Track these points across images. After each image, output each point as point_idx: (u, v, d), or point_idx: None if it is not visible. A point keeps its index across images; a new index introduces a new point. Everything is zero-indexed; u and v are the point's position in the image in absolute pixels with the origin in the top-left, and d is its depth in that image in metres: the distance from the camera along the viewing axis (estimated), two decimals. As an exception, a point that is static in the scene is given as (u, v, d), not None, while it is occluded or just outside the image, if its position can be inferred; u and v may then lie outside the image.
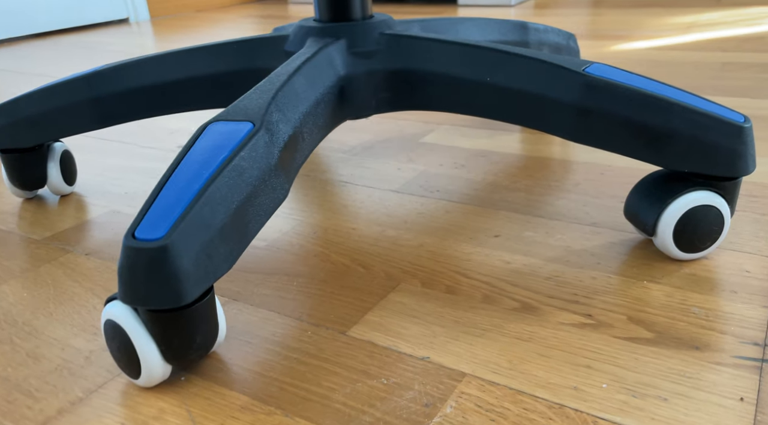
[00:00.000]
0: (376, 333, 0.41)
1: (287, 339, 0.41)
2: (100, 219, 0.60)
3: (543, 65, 0.48)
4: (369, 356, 0.39)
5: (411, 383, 0.36)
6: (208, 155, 0.38)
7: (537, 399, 0.34)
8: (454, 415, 0.34)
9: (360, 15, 0.56)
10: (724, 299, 0.42)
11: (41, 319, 0.45)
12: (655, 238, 0.46)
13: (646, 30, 1.31)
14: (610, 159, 0.66)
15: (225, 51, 0.58)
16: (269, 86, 0.45)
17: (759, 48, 1.09)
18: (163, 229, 0.33)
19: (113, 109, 0.59)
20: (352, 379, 0.37)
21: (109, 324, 0.36)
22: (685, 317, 0.40)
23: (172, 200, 0.35)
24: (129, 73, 0.58)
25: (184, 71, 0.58)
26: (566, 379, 0.36)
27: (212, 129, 0.40)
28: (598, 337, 0.39)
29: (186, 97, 0.59)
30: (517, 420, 0.33)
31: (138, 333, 0.35)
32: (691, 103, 0.44)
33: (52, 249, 0.54)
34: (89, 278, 0.49)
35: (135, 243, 0.33)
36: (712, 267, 0.46)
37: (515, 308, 0.42)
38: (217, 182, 0.36)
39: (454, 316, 0.42)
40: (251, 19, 1.88)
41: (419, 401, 0.35)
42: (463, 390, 0.35)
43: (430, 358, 0.38)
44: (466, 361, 0.38)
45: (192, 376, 0.38)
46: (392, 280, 0.47)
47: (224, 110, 0.43)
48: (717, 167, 0.44)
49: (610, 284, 0.44)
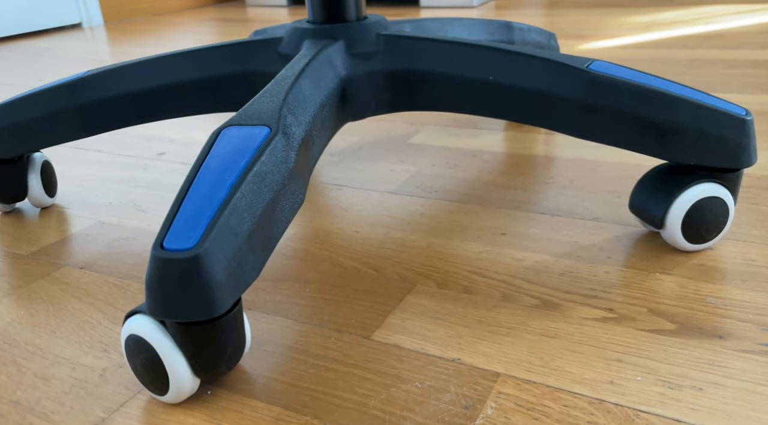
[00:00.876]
0: (400, 336, 0.40)
1: (311, 346, 0.40)
2: (87, 231, 0.57)
3: (547, 63, 0.49)
4: (398, 360, 0.38)
5: (446, 385, 0.36)
6: (228, 161, 0.37)
7: (576, 395, 0.34)
8: (495, 416, 0.33)
9: (355, 16, 0.56)
10: (735, 288, 0.43)
11: (44, 337, 0.42)
12: (663, 230, 0.47)
13: (608, 29, 1.34)
14: (598, 155, 0.67)
15: (216, 55, 0.56)
16: (278, 89, 0.44)
17: (720, 45, 1.13)
18: (193, 238, 0.32)
19: (100, 116, 0.56)
20: (386, 384, 0.36)
21: (133, 340, 0.34)
22: (703, 307, 0.41)
23: (197, 208, 0.34)
24: (116, 78, 0.56)
25: (175, 76, 0.56)
26: (600, 374, 0.36)
27: (227, 134, 0.39)
28: (622, 330, 0.39)
29: (177, 103, 0.57)
30: (559, 417, 0.33)
31: (166, 348, 0.33)
32: (694, 98, 0.45)
33: (42, 264, 0.52)
34: (88, 292, 0.47)
35: (165, 254, 0.31)
36: (718, 257, 0.47)
37: (535, 305, 0.43)
38: (242, 189, 0.35)
39: (477, 316, 0.42)
40: (210, 23, 1.84)
41: (458, 403, 0.34)
42: (501, 390, 0.35)
43: (461, 359, 0.38)
44: (497, 361, 0.37)
45: (218, 389, 0.37)
46: (407, 282, 0.46)
47: (236, 114, 0.41)
48: (722, 159, 0.46)
49: (624, 277, 0.45)
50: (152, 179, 0.68)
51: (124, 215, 0.60)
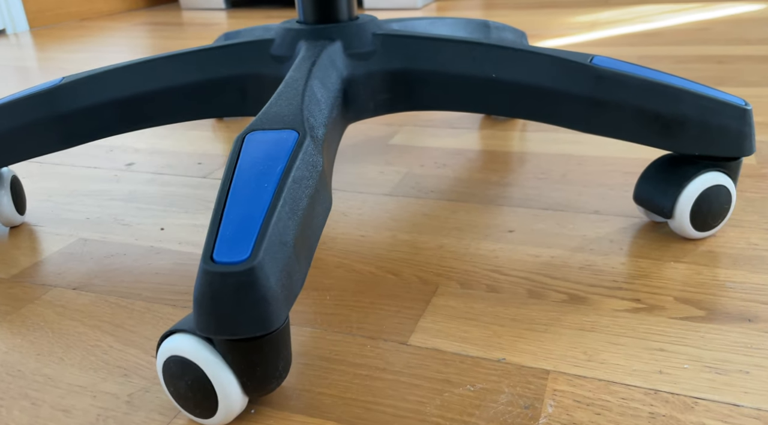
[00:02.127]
0: (438, 339, 0.39)
1: (348, 355, 0.38)
2: (70, 250, 0.54)
3: (550, 59, 0.49)
4: (442, 363, 0.37)
5: (499, 386, 0.35)
6: (263, 167, 0.35)
7: (630, 387, 0.35)
8: (558, 414, 0.33)
9: (347, 15, 0.54)
10: (748, 271, 0.44)
11: (52, 366, 0.39)
12: (671, 220, 0.48)
13: (555, 29, 1.38)
14: (581, 150, 0.68)
15: (205, 58, 0.54)
16: (293, 92, 0.42)
17: (663, 42, 1.18)
18: (245, 249, 0.30)
19: (81, 126, 0.53)
20: (437, 390, 0.35)
21: (176, 361, 0.32)
22: (725, 292, 0.42)
23: (241, 218, 0.32)
24: (98, 85, 0.52)
25: (162, 81, 0.53)
26: (648, 364, 0.36)
27: (253, 139, 0.37)
28: (656, 320, 0.40)
29: (165, 109, 0.54)
30: (620, 410, 0.33)
31: (216, 367, 0.31)
32: (696, 90, 0.47)
33: (28, 287, 0.48)
34: (89, 314, 0.44)
35: (217, 267, 0.29)
36: (723, 243, 0.48)
37: (564, 300, 0.43)
38: (284, 195, 0.33)
39: (509, 314, 0.41)
40: (143, 27, 1.78)
41: (516, 404, 0.34)
42: (555, 388, 0.35)
43: (506, 359, 0.37)
44: (543, 358, 0.37)
45: (262, 408, 0.35)
46: (428, 284, 0.45)
47: (257, 118, 0.40)
48: (725, 148, 0.47)
49: (640, 268, 0.46)
50: (127, 191, 0.65)
51: (106, 230, 0.57)
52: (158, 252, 0.52)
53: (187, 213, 0.59)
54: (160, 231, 0.56)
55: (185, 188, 0.64)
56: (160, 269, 0.49)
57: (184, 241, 0.54)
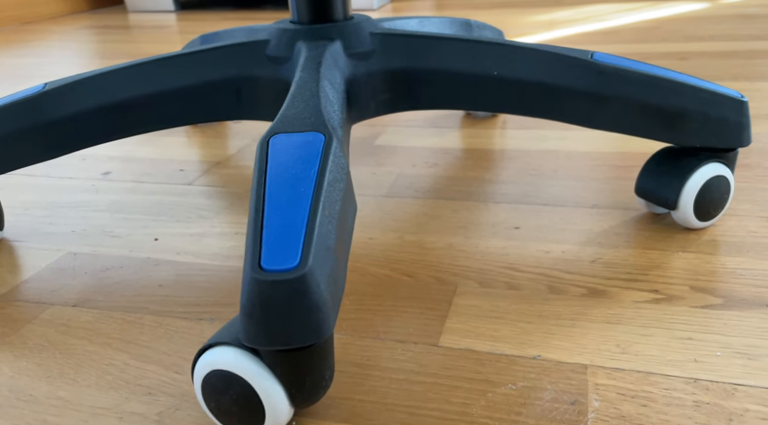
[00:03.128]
0: (468, 339, 0.39)
1: (380, 360, 0.38)
2: (59, 265, 0.51)
3: (552, 56, 0.49)
4: (478, 363, 0.37)
5: (540, 383, 0.35)
6: (295, 171, 0.34)
7: (669, 377, 0.35)
8: (604, 408, 0.33)
9: (343, 15, 0.54)
10: (754, 258, 0.46)
11: (67, 389, 0.37)
12: (675, 211, 0.49)
13: (515, 28, 1.40)
14: (566, 145, 0.69)
15: (198, 60, 0.52)
16: (308, 94, 0.41)
17: (622, 40, 1.21)
18: (294, 256, 0.29)
19: (68, 135, 0.50)
20: (479, 390, 0.35)
21: (219, 375, 0.30)
22: (737, 280, 0.43)
23: (283, 223, 0.31)
24: (85, 90, 0.50)
25: (153, 85, 0.51)
26: (681, 354, 0.37)
27: (278, 143, 0.36)
28: (678, 310, 0.41)
29: (156, 115, 0.52)
30: (666, 401, 0.33)
31: (264, 379, 0.30)
32: (695, 83, 0.48)
33: (21, 306, 0.45)
34: (96, 332, 0.42)
35: (267, 275, 0.28)
36: (723, 232, 0.50)
37: (584, 294, 0.43)
38: (323, 199, 0.32)
39: (534, 311, 0.41)
40: (89, 30, 1.71)
41: (562, 400, 0.34)
42: (596, 382, 0.35)
43: (541, 356, 0.37)
44: (577, 353, 0.37)
45: (304, 419, 0.34)
46: (446, 284, 0.45)
47: (277, 121, 0.38)
48: (725, 139, 0.48)
49: (651, 259, 0.47)
50: (109, 201, 0.62)
51: (95, 242, 0.54)
52: (157, 263, 0.50)
53: (180, 222, 0.57)
54: (154, 242, 0.53)
55: (172, 196, 0.62)
56: (163, 281, 0.47)
57: (182, 251, 0.52)
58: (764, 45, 1.09)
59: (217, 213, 0.58)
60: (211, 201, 0.60)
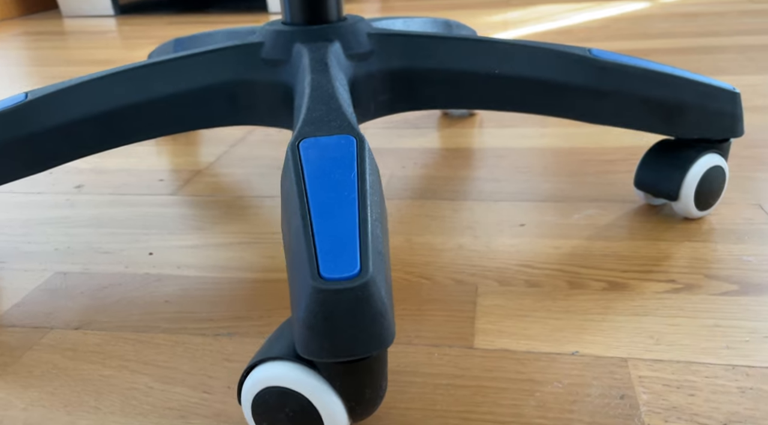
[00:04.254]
0: (502, 339, 0.39)
1: (419, 366, 0.37)
2: (51, 286, 0.48)
3: (552, 53, 0.50)
4: (518, 363, 0.37)
5: (585, 380, 0.35)
6: (335, 175, 0.32)
7: (708, 365, 0.36)
8: (654, 400, 0.33)
9: (337, 16, 0.53)
10: (757, 244, 0.47)
11: (89, 418, 0.34)
12: (677, 202, 0.50)
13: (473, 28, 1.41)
14: (549, 143, 0.70)
15: (190, 65, 0.50)
16: (326, 96, 0.40)
17: (575, 39, 1.24)
18: (353, 263, 0.28)
19: (54, 147, 0.47)
20: (526, 390, 0.35)
21: (274, 392, 0.29)
22: (747, 266, 0.45)
23: (334, 230, 0.29)
24: (72, 99, 0.47)
25: (144, 92, 0.49)
26: (712, 341, 0.37)
27: (308, 147, 0.35)
28: (698, 298, 0.42)
29: (149, 123, 0.49)
30: (711, 389, 0.34)
31: (323, 393, 0.29)
32: (691, 77, 0.49)
33: (18, 333, 0.42)
34: (107, 355, 0.39)
35: (330, 284, 0.27)
36: (721, 221, 0.51)
37: (605, 288, 0.43)
38: (369, 203, 0.31)
39: (560, 307, 0.41)
40: (24, 38, 1.63)
41: (610, 395, 0.34)
42: (639, 374, 0.35)
43: (579, 352, 0.37)
44: (614, 347, 0.38)
45: (354, 433, 0.32)
46: (466, 285, 0.44)
47: (302, 125, 0.37)
48: (721, 130, 0.50)
49: (660, 250, 0.47)
50: (89, 215, 0.59)
51: (85, 260, 0.51)
52: (158, 279, 0.48)
53: (173, 234, 0.54)
54: (149, 256, 0.51)
55: (157, 208, 0.59)
56: (169, 297, 0.45)
57: (182, 264, 0.49)
58: (713, 41, 1.14)
59: (211, 223, 0.56)
60: (202, 211, 0.58)
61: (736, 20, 1.30)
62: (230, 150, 0.74)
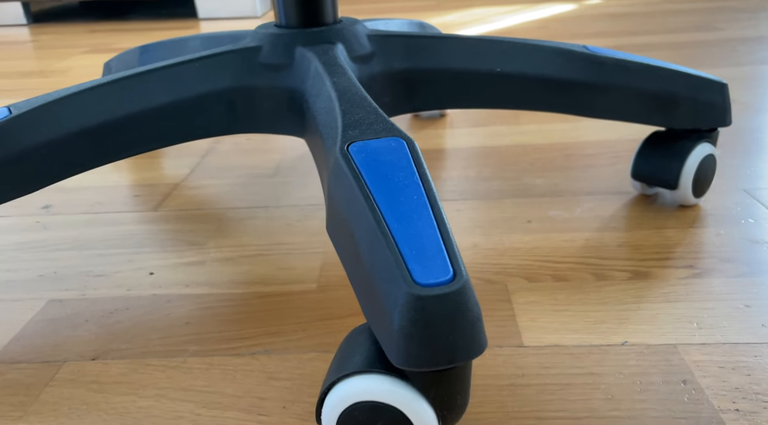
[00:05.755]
0: (550, 335, 0.39)
1: (476, 368, 0.36)
2: (48, 315, 0.44)
3: (551, 50, 0.50)
4: (574, 358, 0.37)
5: (644, 369, 0.36)
6: (397, 178, 0.31)
7: (752, 345, 0.37)
8: (715, 384, 0.34)
9: (333, 18, 0.51)
10: (753, 227, 0.50)
11: (140, 454, 0.32)
12: (676, 191, 0.52)
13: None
14: (528, 140, 0.71)
15: (184, 72, 0.47)
16: (357, 98, 0.39)
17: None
18: (444, 268, 0.27)
19: (45, 166, 0.43)
20: (590, 384, 0.35)
21: (364, 408, 0.28)
22: (752, 247, 0.47)
23: (415, 234, 0.28)
24: (64, 112, 0.44)
25: (139, 103, 0.46)
26: (748, 322, 0.39)
27: (358, 151, 0.33)
28: (720, 281, 0.43)
29: (145, 135, 0.46)
30: (763, 367, 0.35)
31: (417, 404, 0.28)
32: (682, 70, 0.51)
33: (26, 369, 0.38)
34: (138, 383, 0.37)
35: (428, 290, 0.26)
36: (715, 207, 0.53)
37: (630, 277, 0.44)
38: (439, 206, 0.30)
39: (594, 299, 0.42)
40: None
41: (673, 381, 0.34)
42: (693, 359, 0.36)
43: (628, 342, 0.38)
44: (660, 334, 0.38)
45: (433, 443, 0.31)
46: (495, 284, 0.44)
47: (345, 128, 0.36)
48: (711, 120, 0.52)
49: (668, 237, 0.49)
50: (68, 237, 0.55)
51: (78, 285, 0.47)
52: (168, 300, 0.45)
53: (168, 252, 0.51)
54: (150, 276, 0.48)
55: (142, 225, 0.56)
56: (188, 318, 0.42)
57: (190, 283, 0.46)
58: (646, 39, 1.20)
59: (206, 238, 0.53)
60: (193, 226, 0.55)
61: (663, 20, 1.37)
62: (202, 161, 0.71)
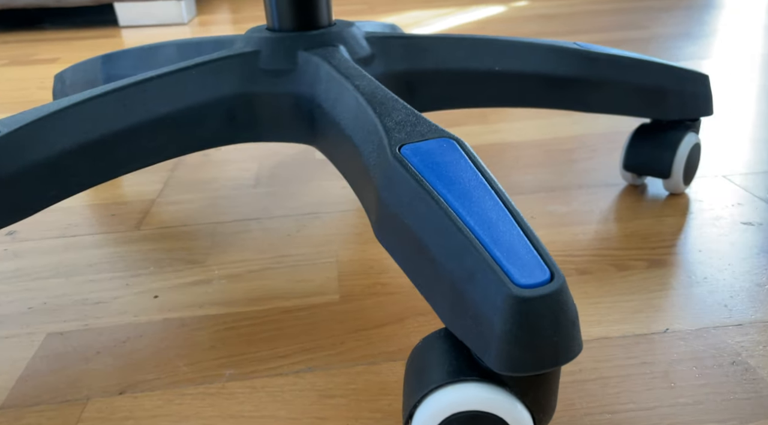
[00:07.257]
0: (594, 328, 0.39)
1: (532, 369, 0.36)
2: (51, 350, 0.40)
3: (546, 48, 0.51)
4: (623, 349, 0.37)
5: (693, 354, 0.36)
6: (461, 179, 0.31)
7: (784, 321, 0.38)
8: (763, 362, 0.35)
9: (328, 20, 0.50)
10: (750, 211, 0.52)
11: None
12: (668, 179, 0.54)
13: (348, 35, 1.41)
14: (503, 138, 0.72)
15: (181, 80, 0.45)
16: (387, 100, 0.38)
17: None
18: (539, 267, 0.26)
19: (41, 187, 0.40)
20: (647, 374, 0.35)
21: (462, 418, 0.27)
22: (748, 230, 0.49)
23: (500, 235, 0.28)
24: (58, 128, 0.40)
25: (137, 115, 0.43)
26: (772, 299, 0.41)
27: (411, 154, 0.32)
28: (733, 263, 0.45)
29: (145, 149, 0.43)
30: (800, 341, 0.37)
31: (516, 410, 0.27)
32: (668, 63, 0.53)
33: (47, 412, 0.35)
34: (179, 415, 0.34)
35: (531, 291, 0.25)
36: (703, 193, 0.56)
37: (648, 266, 0.45)
38: (512, 204, 0.30)
39: (622, 289, 0.43)
40: None
41: (724, 364, 0.35)
42: (735, 340, 0.37)
43: (669, 329, 0.39)
44: (694, 318, 0.39)
45: (515, 447, 0.31)
46: (521, 282, 0.44)
47: (391, 130, 0.34)
48: (696, 111, 0.54)
49: (670, 224, 0.51)
50: (47, 265, 0.50)
51: (78, 315, 0.43)
52: (184, 323, 0.42)
53: (167, 273, 0.48)
54: (155, 300, 0.45)
55: (127, 246, 0.52)
56: (212, 342, 0.40)
57: (203, 303, 0.44)
58: (581, 38, 1.24)
59: (204, 255, 0.50)
60: (184, 243, 0.52)
61: (591, 19, 1.43)
62: (173, 175, 0.67)
